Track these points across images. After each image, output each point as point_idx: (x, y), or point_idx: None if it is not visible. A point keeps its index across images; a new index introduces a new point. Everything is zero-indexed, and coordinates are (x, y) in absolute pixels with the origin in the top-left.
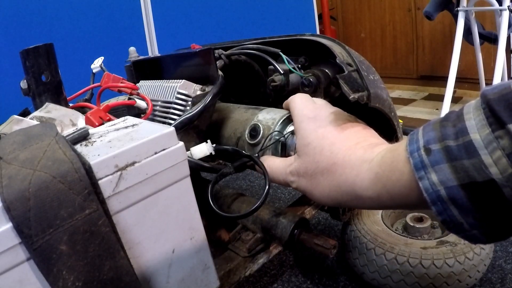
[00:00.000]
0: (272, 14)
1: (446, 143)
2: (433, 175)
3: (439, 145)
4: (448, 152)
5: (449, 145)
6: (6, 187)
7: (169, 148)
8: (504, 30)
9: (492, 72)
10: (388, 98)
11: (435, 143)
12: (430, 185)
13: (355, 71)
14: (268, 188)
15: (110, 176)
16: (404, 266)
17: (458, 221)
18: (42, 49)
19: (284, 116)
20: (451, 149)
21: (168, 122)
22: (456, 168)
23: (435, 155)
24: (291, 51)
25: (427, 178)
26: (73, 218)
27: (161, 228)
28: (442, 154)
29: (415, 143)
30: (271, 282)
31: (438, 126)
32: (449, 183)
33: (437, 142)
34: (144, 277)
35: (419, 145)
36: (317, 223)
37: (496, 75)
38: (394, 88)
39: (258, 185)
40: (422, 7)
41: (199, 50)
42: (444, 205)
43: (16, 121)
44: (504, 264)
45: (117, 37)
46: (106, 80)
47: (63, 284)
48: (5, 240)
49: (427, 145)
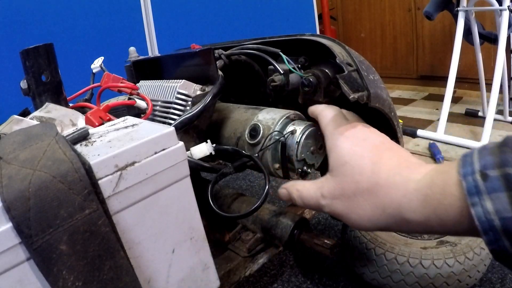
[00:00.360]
0: (272, 14)
1: (506, 171)
2: (488, 202)
3: (497, 172)
4: (508, 180)
5: (509, 172)
6: (6, 187)
7: (169, 148)
8: (504, 30)
9: (492, 72)
10: (388, 98)
11: (493, 169)
12: (484, 213)
13: (355, 71)
14: (268, 188)
15: (110, 176)
16: (404, 266)
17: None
18: (42, 49)
19: (284, 116)
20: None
21: (168, 122)
22: None
23: (493, 181)
24: (291, 51)
25: (481, 205)
26: (73, 218)
27: (161, 228)
28: (501, 182)
29: (469, 166)
30: (271, 282)
31: (497, 151)
32: (505, 214)
33: (495, 168)
34: (144, 277)
35: (474, 168)
36: (317, 223)
37: (496, 75)
38: (394, 88)
39: (258, 185)
40: (422, 7)
41: (199, 50)
42: (497, 236)
43: (16, 121)
44: None
45: (117, 37)
46: (106, 80)
47: (63, 284)
48: (5, 240)
49: (483, 170)
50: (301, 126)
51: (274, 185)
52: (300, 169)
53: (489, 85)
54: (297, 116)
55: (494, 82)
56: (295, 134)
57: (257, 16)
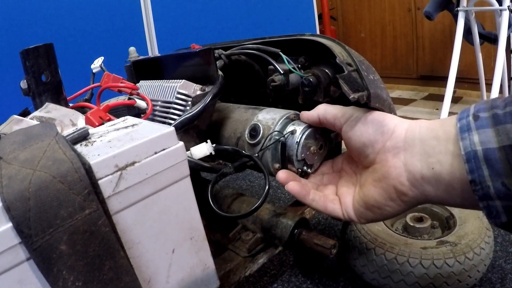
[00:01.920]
0: (272, 14)
1: (495, 111)
2: (476, 136)
3: (487, 113)
4: (494, 118)
5: (496, 112)
6: (6, 187)
7: (169, 148)
8: (504, 30)
9: (492, 72)
10: (388, 98)
11: (484, 112)
12: (470, 144)
13: (355, 71)
14: (268, 188)
15: (110, 176)
16: (404, 266)
17: (486, 184)
18: (42, 49)
19: (284, 116)
20: (498, 116)
21: (168, 122)
22: (498, 131)
23: (482, 121)
24: (291, 51)
25: (469, 139)
26: (73, 218)
27: (161, 228)
28: (488, 120)
29: (465, 112)
30: (271, 282)
31: (490, 100)
32: (488, 145)
33: (486, 111)
34: (144, 277)
35: (469, 113)
36: (317, 223)
37: (496, 75)
38: (394, 88)
39: (258, 185)
40: (422, 7)
41: (199, 50)
42: (478, 164)
43: (16, 121)
44: (504, 264)
45: (117, 37)
46: (106, 80)
47: (63, 284)
48: (5, 240)
49: (476, 113)
50: (301, 126)
51: (274, 185)
52: (300, 169)
53: (489, 85)
54: (297, 116)
55: (494, 82)
56: (295, 134)
57: (257, 16)
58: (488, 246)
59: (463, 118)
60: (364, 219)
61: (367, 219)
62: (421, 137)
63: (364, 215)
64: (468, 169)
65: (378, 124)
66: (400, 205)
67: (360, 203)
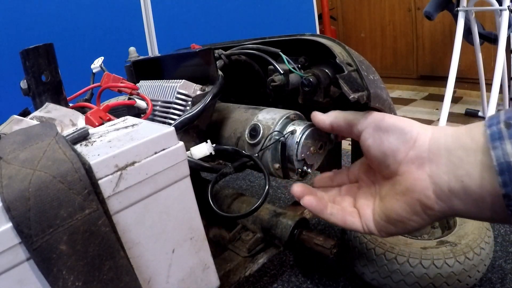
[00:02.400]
0: (272, 14)
1: None
2: (509, 146)
3: None
4: None
5: None
6: (6, 187)
7: (169, 148)
8: (504, 30)
9: (492, 72)
10: (388, 98)
11: None
12: (503, 154)
13: (355, 71)
14: (268, 188)
15: (110, 176)
16: (404, 266)
17: None
18: (42, 49)
19: (284, 116)
20: None
21: (168, 122)
22: None
23: None
24: (291, 51)
25: (501, 148)
26: (73, 218)
27: (161, 228)
28: None
29: (494, 119)
30: (271, 282)
31: None
32: None
33: None
34: (144, 277)
35: (499, 119)
36: (317, 223)
37: (496, 75)
38: (394, 88)
39: (258, 185)
40: (422, 7)
41: (199, 50)
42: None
43: (16, 121)
44: (504, 264)
45: (117, 37)
46: (106, 80)
47: (63, 284)
48: (5, 240)
49: (508, 120)
50: (301, 126)
51: (274, 185)
52: (300, 169)
53: (489, 85)
54: (297, 116)
55: (494, 82)
56: (295, 134)
57: (257, 16)
58: (488, 246)
59: (493, 125)
60: (385, 233)
61: (388, 233)
62: (447, 146)
63: (386, 229)
64: (502, 182)
65: (400, 131)
66: (424, 219)
67: (381, 216)
